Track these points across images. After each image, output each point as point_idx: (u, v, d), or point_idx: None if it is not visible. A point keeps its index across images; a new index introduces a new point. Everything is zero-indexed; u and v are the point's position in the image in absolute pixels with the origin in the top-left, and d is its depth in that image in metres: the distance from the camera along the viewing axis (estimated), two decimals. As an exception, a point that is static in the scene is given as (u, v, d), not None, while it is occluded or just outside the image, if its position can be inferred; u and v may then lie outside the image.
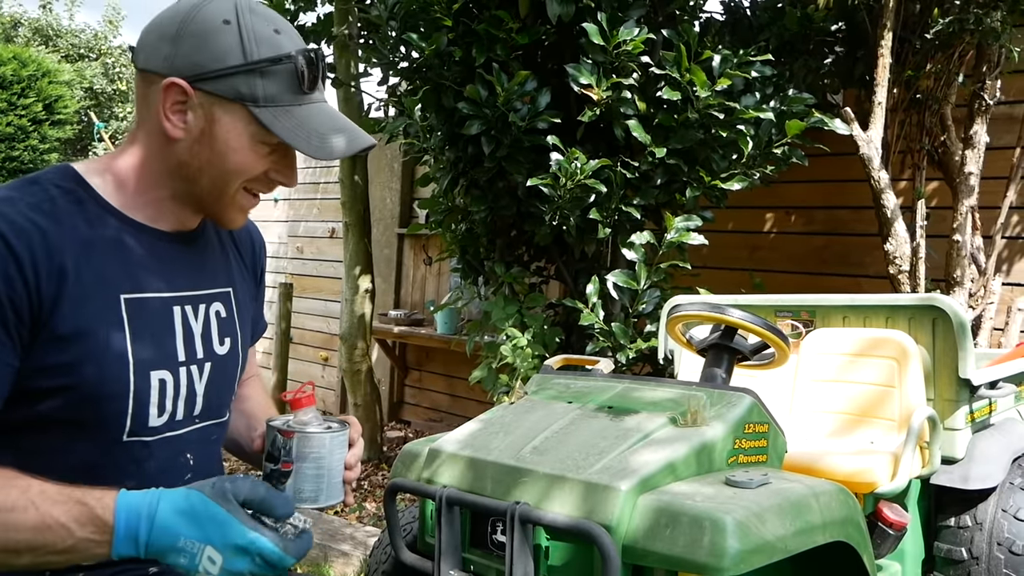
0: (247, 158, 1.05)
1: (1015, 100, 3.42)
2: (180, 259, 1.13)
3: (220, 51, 1.01)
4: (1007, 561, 1.95)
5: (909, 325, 2.20)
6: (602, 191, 2.93)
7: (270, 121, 1.02)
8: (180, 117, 1.03)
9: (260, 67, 1.02)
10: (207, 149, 1.04)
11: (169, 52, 1.02)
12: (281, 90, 1.03)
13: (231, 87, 1.01)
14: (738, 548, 1.23)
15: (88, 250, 1.01)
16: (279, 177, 1.10)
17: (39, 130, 10.57)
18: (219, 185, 1.07)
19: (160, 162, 1.07)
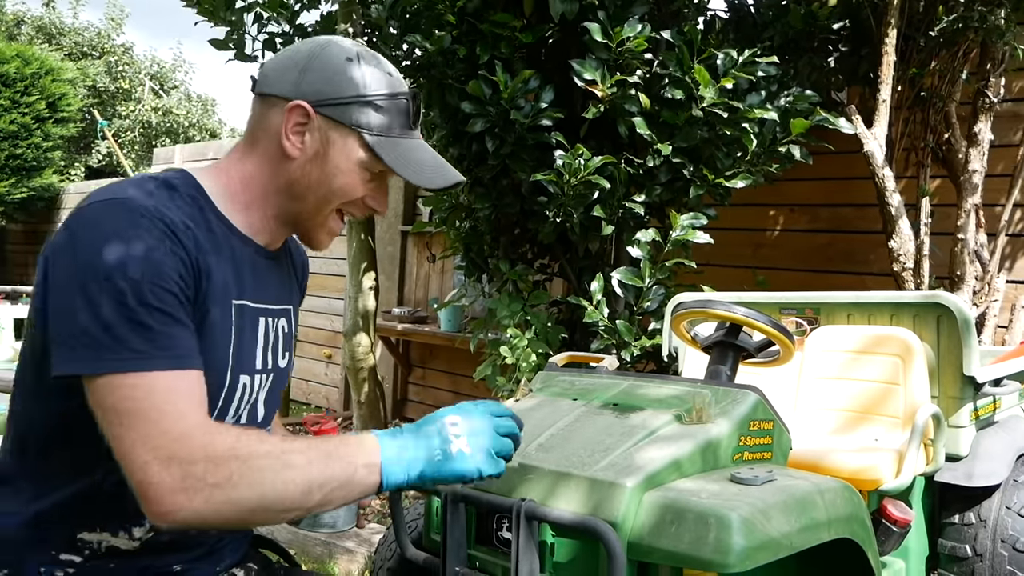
0: (351, 181, 1.15)
1: (1019, 98, 3.41)
2: (268, 274, 1.21)
3: (342, 82, 1.13)
4: (1011, 558, 1.95)
5: (914, 322, 2.20)
6: (606, 188, 2.93)
7: (379, 149, 1.13)
8: (299, 138, 1.13)
9: (376, 100, 1.14)
10: (318, 169, 1.14)
11: (296, 79, 1.13)
12: (391, 123, 1.15)
13: (348, 114, 1.13)
14: (743, 545, 1.23)
15: (215, 254, 1.09)
16: (373, 203, 1.19)
17: (42, 128, 10.58)
18: (321, 204, 1.16)
19: (272, 180, 1.16)
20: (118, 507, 1.06)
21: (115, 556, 1.07)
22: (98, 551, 1.06)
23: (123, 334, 0.94)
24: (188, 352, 1.00)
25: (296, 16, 3.69)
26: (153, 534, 1.09)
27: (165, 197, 1.06)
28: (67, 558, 1.05)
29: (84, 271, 0.95)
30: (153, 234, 0.99)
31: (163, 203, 1.04)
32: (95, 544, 1.06)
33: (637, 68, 2.96)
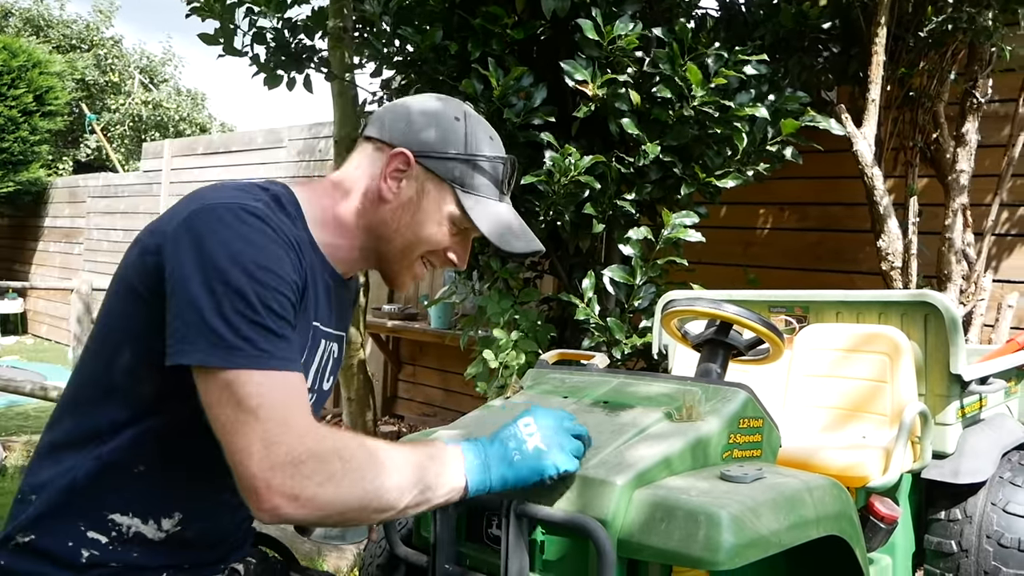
0: (438, 232, 1.21)
1: (1006, 98, 3.44)
2: (335, 300, 1.26)
3: (447, 138, 1.20)
4: (996, 553, 1.97)
5: (901, 321, 2.22)
6: (596, 187, 2.93)
7: (470, 206, 1.20)
8: (396, 183, 1.19)
9: (476, 160, 1.20)
10: (408, 215, 1.20)
11: (404, 129, 1.20)
12: (485, 185, 1.22)
13: (448, 169, 1.19)
14: (733, 542, 1.24)
15: (309, 273, 1.13)
16: (454, 257, 1.25)
17: (29, 121, 10.50)
18: (406, 250, 1.22)
19: (363, 218, 1.21)
20: (154, 494, 1.09)
21: (139, 544, 1.09)
22: (124, 535, 1.09)
23: (250, 334, 0.99)
24: (298, 357, 1.08)
25: (286, 9, 3.67)
26: (180, 528, 1.12)
27: (278, 210, 1.11)
28: (94, 536, 1.07)
29: (211, 271, 0.99)
30: (279, 244, 1.05)
31: (279, 216, 1.10)
32: (123, 527, 1.09)
33: (628, 66, 2.96)
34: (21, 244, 11.83)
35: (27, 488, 1.11)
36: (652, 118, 2.98)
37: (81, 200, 10.47)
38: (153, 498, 1.10)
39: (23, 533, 1.08)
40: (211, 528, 1.17)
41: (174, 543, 1.12)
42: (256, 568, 1.26)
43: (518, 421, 1.18)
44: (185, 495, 1.12)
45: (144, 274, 1.05)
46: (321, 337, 1.21)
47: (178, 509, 1.12)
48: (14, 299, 10.67)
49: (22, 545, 1.08)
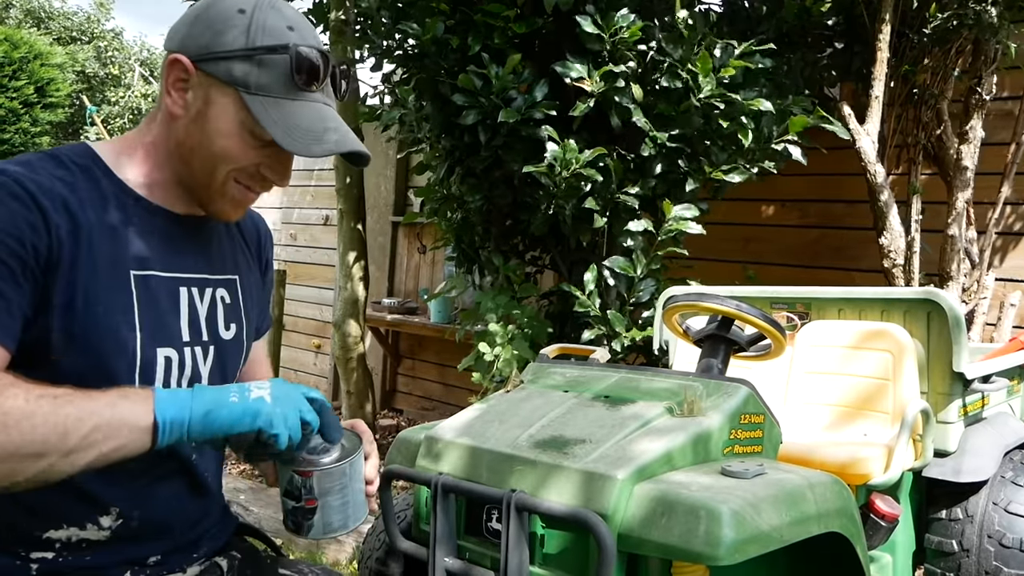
0: (234, 145, 1.05)
1: (1011, 96, 3.42)
2: (189, 242, 1.13)
3: (225, 35, 1.03)
4: (997, 553, 1.97)
5: (904, 318, 2.21)
6: (598, 180, 2.92)
7: (257, 109, 1.03)
8: (181, 95, 1.05)
9: (257, 54, 1.03)
10: (199, 130, 1.05)
11: (185, 33, 1.06)
12: (274, 81, 1.03)
13: (226, 70, 1.03)
14: (733, 538, 1.23)
15: (102, 226, 1.02)
16: (270, 174, 1.09)
17: (31, 113, 10.47)
18: (207, 170, 1.07)
19: (164, 142, 1.09)
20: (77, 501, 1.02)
21: (88, 548, 1.04)
22: (68, 544, 1.03)
23: None
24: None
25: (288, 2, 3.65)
26: (123, 521, 1.05)
27: (42, 166, 1.00)
28: (39, 555, 1.02)
29: None
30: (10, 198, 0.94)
31: (33, 170, 0.99)
32: (64, 539, 1.03)
33: (630, 59, 2.95)
34: (21, 236, 11.80)
35: None
36: (656, 112, 2.97)
37: (81, 192, 10.42)
38: (78, 504, 1.03)
39: None
40: (158, 515, 1.09)
41: (124, 538, 1.06)
42: (242, 563, 1.22)
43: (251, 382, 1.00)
44: (104, 490, 1.04)
45: None
46: (177, 285, 1.10)
47: (112, 504, 1.04)
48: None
49: None
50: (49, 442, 0.86)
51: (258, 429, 0.95)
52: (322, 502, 1.04)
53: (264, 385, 0.99)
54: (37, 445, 0.86)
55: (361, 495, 1.08)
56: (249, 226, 1.29)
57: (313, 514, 1.05)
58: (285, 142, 1.03)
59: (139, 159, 1.09)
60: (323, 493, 1.04)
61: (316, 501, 1.04)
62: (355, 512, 1.07)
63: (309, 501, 1.04)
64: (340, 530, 1.06)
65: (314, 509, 1.04)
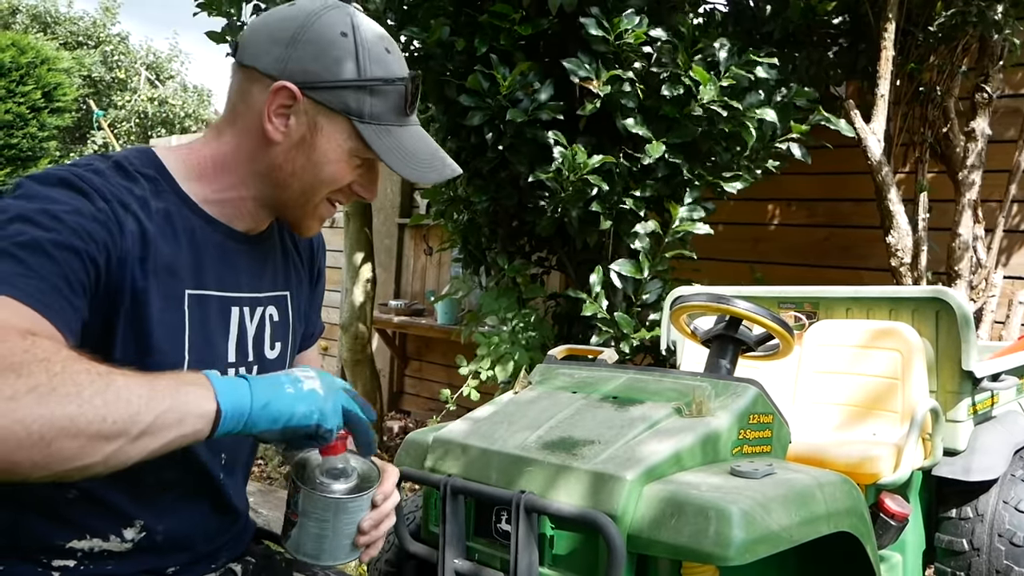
0: (340, 170, 1.06)
1: (1017, 93, 3.41)
2: (245, 259, 1.12)
3: (335, 63, 1.02)
4: (1008, 552, 1.96)
5: (912, 317, 2.21)
6: (604, 187, 2.92)
7: (371, 138, 1.04)
8: (283, 121, 1.03)
9: (372, 85, 1.03)
10: (303, 156, 1.05)
11: (281, 55, 1.02)
12: (386, 110, 1.05)
13: (340, 100, 1.02)
14: (743, 538, 1.23)
15: (164, 240, 1.00)
16: (362, 191, 1.10)
17: (38, 118, 10.52)
18: (307, 193, 1.07)
19: (251, 163, 1.06)
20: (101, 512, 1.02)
21: (110, 557, 1.03)
22: (90, 554, 1.02)
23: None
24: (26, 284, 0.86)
25: (294, 6, 3.66)
26: (146, 534, 1.04)
27: (111, 174, 0.98)
28: (60, 564, 1.01)
29: None
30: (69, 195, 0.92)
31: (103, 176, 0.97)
32: (87, 549, 1.02)
33: (635, 62, 2.95)
34: (29, 240, 11.86)
35: None
36: (660, 114, 2.97)
37: (88, 196, 10.46)
38: (102, 516, 1.02)
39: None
40: (182, 529, 1.08)
41: (145, 550, 1.05)
42: (256, 567, 1.21)
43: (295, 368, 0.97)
44: (130, 504, 1.03)
45: None
46: (228, 304, 1.08)
47: (136, 516, 1.03)
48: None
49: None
50: (119, 424, 0.78)
51: (316, 424, 0.92)
52: (301, 521, 1.01)
53: (310, 373, 0.96)
54: (108, 424, 0.77)
55: (346, 538, 1.02)
56: (304, 239, 1.27)
57: (292, 528, 1.03)
58: (405, 171, 1.05)
59: (210, 175, 1.07)
60: (303, 513, 1.01)
61: (297, 517, 1.02)
62: (331, 550, 1.02)
63: (292, 515, 1.03)
64: (311, 559, 1.02)
65: (294, 523, 1.02)
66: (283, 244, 1.21)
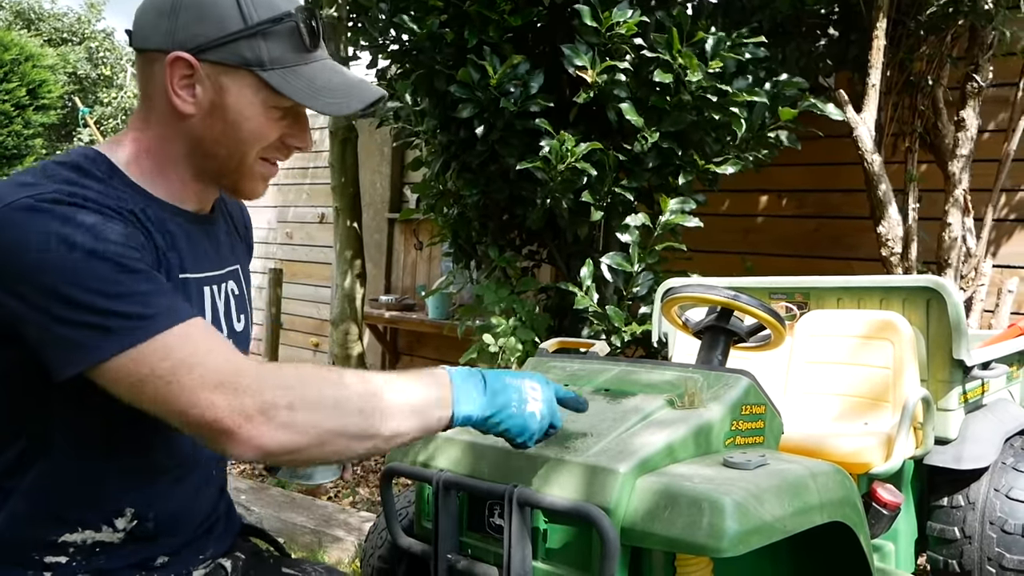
0: (261, 124, 1.04)
1: (1007, 83, 3.42)
2: (204, 240, 1.13)
3: (219, 18, 1.00)
4: (999, 540, 1.97)
5: (903, 306, 2.21)
6: (593, 175, 2.91)
7: (280, 83, 1.01)
8: (189, 92, 1.02)
9: (262, 29, 1.00)
10: (220, 121, 1.03)
11: (168, 27, 1.01)
12: (286, 51, 1.02)
13: (235, 53, 1.00)
14: (737, 529, 1.23)
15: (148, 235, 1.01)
16: (293, 141, 1.09)
17: (23, 115, 10.42)
18: (237, 156, 1.06)
19: (176, 142, 1.05)
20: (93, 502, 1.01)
21: (102, 551, 1.03)
22: (83, 548, 1.02)
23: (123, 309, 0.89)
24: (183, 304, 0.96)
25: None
26: (137, 522, 1.04)
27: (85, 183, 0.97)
28: (52, 560, 1.00)
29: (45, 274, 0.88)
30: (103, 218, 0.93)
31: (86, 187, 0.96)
32: (79, 542, 1.01)
33: (627, 53, 2.94)
34: (16, 239, 11.78)
35: None
36: (650, 105, 2.96)
37: (76, 194, 10.39)
38: (95, 506, 1.01)
39: None
40: (171, 513, 1.08)
41: (137, 539, 1.05)
42: (245, 564, 1.21)
43: (527, 380, 1.12)
44: (125, 490, 1.03)
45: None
46: (202, 285, 1.10)
47: (127, 505, 1.03)
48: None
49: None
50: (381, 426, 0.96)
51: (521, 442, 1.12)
52: None
53: (537, 395, 1.11)
54: (373, 428, 0.96)
55: None
56: (236, 211, 1.28)
57: None
58: (321, 106, 1.03)
59: (148, 163, 1.06)
60: None
61: None
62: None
63: None
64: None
65: None
66: (225, 220, 1.23)
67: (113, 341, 0.88)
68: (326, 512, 3.32)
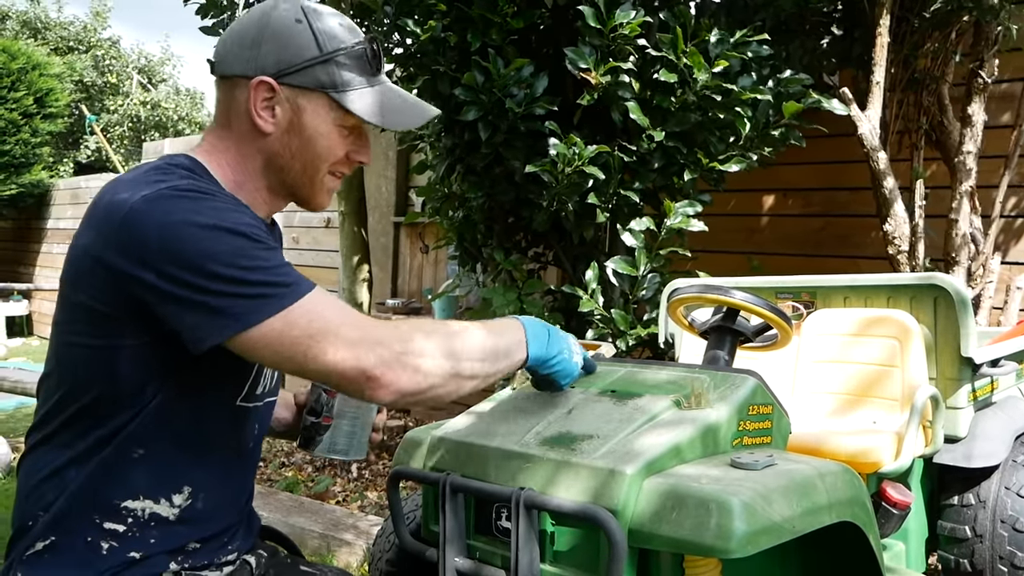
0: (332, 141, 1.18)
1: (1013, 78, 3.40)
2: None
3: (298, 47, 1.14)
4: (1011, 538, 1.95)
5: (911, 304, 2.20)
6: (600, 177, 2.91)
7: (349, 103, 1.15)
8: (269, 112, 1.15)
9: (335, 57, 1.15)
10: (296, 138, 1.16)
11: (251, 55, 1.15)
12: (354, 75, 1.16)
13: (312, 77, 1.14)
14: (745, 530, 1.22)
15: None
16: (358, 156, 1.22)
17: (30, 123, 10.49)
18: (310, 170, 1.19)
19: (254, 159, 1.18)
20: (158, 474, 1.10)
21: (156, 526, 1.10)
22: (140, 519, 1.09)
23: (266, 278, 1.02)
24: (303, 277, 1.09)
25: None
26: (191, 501, 1.13)
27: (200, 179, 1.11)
28: (111, 527, 1.08)
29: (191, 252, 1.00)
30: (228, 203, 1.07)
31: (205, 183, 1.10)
32: (138, 512, 1.09)
33: (630, 53, 2.94)
34: (24, 246, 11.85)
35: (31, 498, 1.10)
36: (654, 105, 2.95)
37: (83, 202, 10.47)
38: (159, 478, 1.11)
39: (41, 539, 1.08)
40: (219, 496, 1.17)
41: (188, 519, 1.13)
42: (267, 562, 1.27)
43: (570, 336, 1.38)
44: (187, 467, 1.13)
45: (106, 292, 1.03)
46: None
47: (185, 483, 1.13)
48: (19, 301, 10.69)
49: (40, 551, 1.08)
50: (482, 368, 1.17)
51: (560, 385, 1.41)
52: (335, 423, 1.26)
53: (577, 348, 1.38)
54: (478, 369, 1.16)
55: (367, 435, 1.30)
56: (278, 230, 1.39)
57: (325, 431, 1.26)
58: (386, 122, 1.18)
59: (230, 175, 1.17)
60: (339, 415, 1.26)
61: (331, 420, 1.26)
62: (358, 446, 1.28)
63: (326, 419, 1.27)
64: (340, 454, 1.26)
65: (327, 427, 1.26)
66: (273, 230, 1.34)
67: (264, 307, 1.00)
68: (334, 516, 3.32)
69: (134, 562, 1.09)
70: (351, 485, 4.07)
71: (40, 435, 1.13)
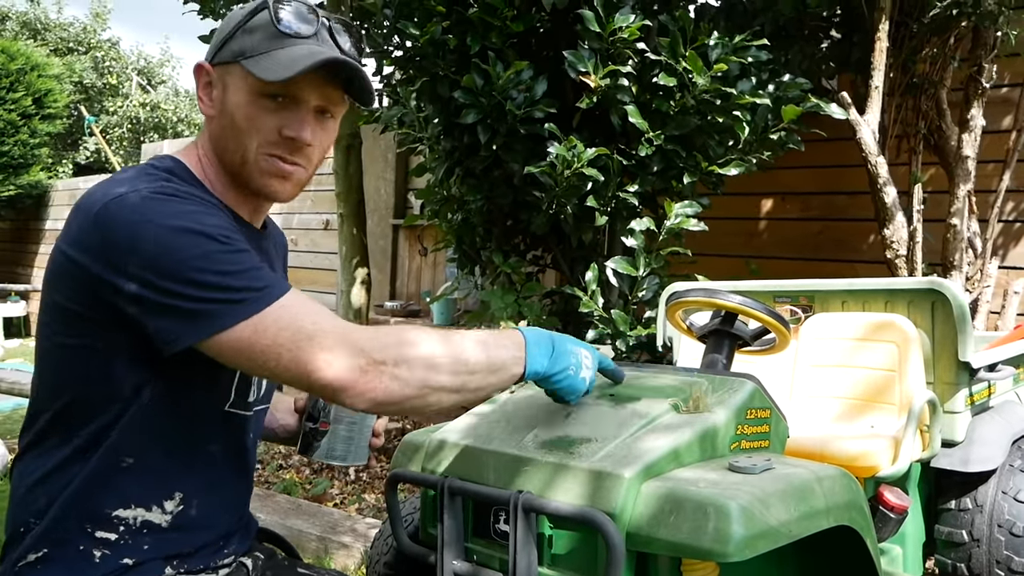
0: (251, 112, 1.10)
1: (1011, 83, 3.41)
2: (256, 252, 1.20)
3: (225, 28, 1.14)
4: (1008, 543, 1.96)
5: (908, 309, 2.20)
6: (600, 180, 2.91)
7: (252, 66, 1.08)
8: (207, 95, 1.15)
9: (244, 24, 1.11)
10: (226, 116, 1.12)
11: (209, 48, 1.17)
12: (263, 39, 1.10)
13: (229, 51, 1.12)
14: (743, 534, 1.22)
15: None
16: (290, 132, 1.12)
17: (29, 124, 10.47)
18: (240, 149, 1.12)
19: (211, 147, 1.16)
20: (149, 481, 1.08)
21: (148, 533, 1.09)
22: (132, 527, 1.08)
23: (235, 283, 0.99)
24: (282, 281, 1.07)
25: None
26: (183, 507, 1.11)
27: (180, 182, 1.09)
28: (103, 536, 1.07)
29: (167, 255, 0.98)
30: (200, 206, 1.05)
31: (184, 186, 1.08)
32: (130, 520, 1.08)
33: (630, 57, 2.94)
34: (23, 247, 11.84)
35: (23, 504, 1.10)
36: (653, 109, 2.96)
37: (82, 202, 10.43)
38: (149, 485, 1.09)
39: (33, 551, 1.07)
40: (213, 502, 1.16)
41: (181, 525, 1.12)
42: (264, 564, 1.27)
43: (582, 348, 1.29)
44: (178, 474, 1.11)
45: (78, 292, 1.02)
46: None
47: (177, 489, 1.11)
48: (16, 302, 10.68)
49: (32, 563, 1.07)
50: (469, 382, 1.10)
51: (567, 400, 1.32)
52: (333, 428, 1.24)
53: (588, 363, 1.29)
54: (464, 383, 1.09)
55: (366, 440, 1.28)
56: (277, 234, 1.39)
57: (322, 437, 1.24)
58: (266, 73, 1.06)
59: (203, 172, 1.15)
60: (336, 420, 1.24)
61: (328, 425, 1.24)
62: (357, 451, 1.26)
63: (323, 424, 1.24)
64: (339, 460, 1.24)
65: (324, 432, 1.24)
66: (271, 238, 1.34)
67: (232, 312, 0.98)
68: (332, 519, 3.32)
69: (128, 568, 1.08)
70: (349, 487, 4.07)
71: (27, 439, 1.12)
